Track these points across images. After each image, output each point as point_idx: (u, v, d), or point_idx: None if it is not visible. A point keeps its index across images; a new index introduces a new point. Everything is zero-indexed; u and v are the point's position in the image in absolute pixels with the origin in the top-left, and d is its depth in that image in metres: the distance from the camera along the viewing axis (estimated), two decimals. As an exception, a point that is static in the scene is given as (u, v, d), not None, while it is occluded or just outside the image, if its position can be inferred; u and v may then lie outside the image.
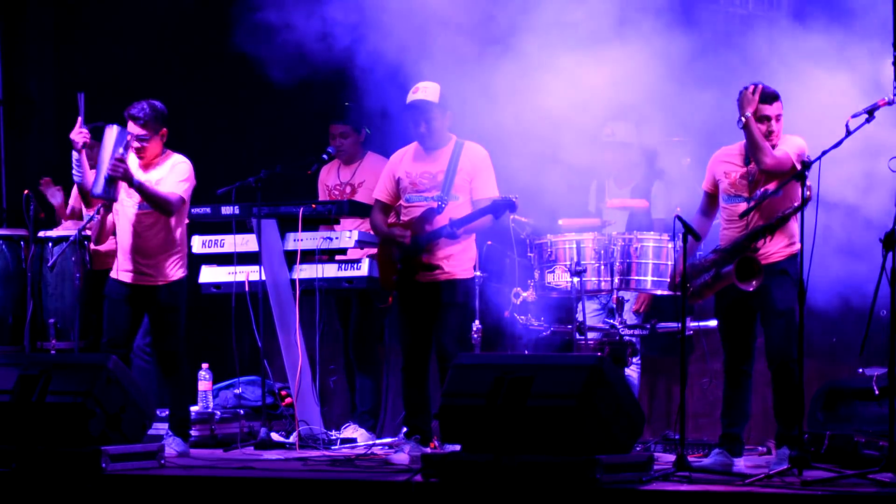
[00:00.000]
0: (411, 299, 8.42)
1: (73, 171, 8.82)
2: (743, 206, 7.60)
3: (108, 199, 8.51)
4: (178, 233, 8.61)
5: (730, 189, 7.71)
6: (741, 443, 7.70)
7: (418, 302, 8.40)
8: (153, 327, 8.70)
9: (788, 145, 7.61)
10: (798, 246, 7.55)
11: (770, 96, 7.62)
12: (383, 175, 8.67)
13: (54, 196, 10.08)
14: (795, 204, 7.49)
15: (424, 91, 8.45)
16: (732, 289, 7.57)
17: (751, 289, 7.49)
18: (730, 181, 7.72)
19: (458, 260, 8.38)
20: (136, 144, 8.56)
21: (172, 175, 8.58)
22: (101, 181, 8.43)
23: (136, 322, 8.68)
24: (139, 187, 8.44)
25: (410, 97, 8.49)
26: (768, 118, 7.60)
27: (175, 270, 8.59)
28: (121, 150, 8.39)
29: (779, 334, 7.59)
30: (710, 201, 7.86)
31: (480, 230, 8.47)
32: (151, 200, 8.50)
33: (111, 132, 8.45)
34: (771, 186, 7.55)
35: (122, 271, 8.61)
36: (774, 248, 7.62)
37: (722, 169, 7.77)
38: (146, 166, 8.62)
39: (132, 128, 8.57)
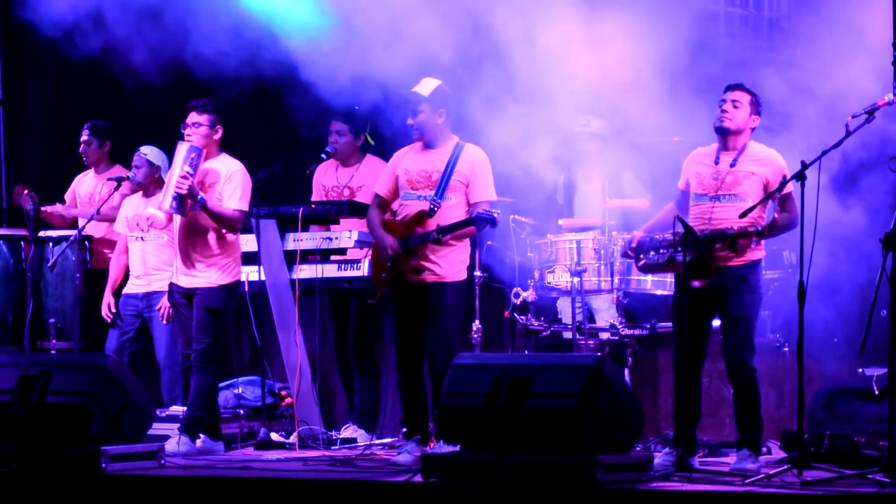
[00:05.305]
0: (403, 300, 8.38)
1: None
2: (707, 205, 7.68)
3: (178, 214, 8.50)
4: (229, 237, 8.62)
5: (698, 188, 7.80)
6: (695, 443, 7.81)
7: (409, 302, 8.35)
8: (194, 325, 8.67)
9: (771, 167, 7.65)
10: (762, 253, 7.63)
11: (732, 86, 7.74)
12: (385, 170, 8.64)
13: (27, 203, 10.02)
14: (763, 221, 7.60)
15: (421, 85, 8.44)
16: (688, 287, 7.60)
17: (695, 286, 7.54)
18: (699, 181, 7.80)
19: (449, 262, 8.31)
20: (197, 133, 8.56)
21: (229, 186, 8.57)
22: (169, 198, 8.44)
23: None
24: (203, 205, 8.45)
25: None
26: (724, 101, 7.70)
27: (223, 274, 8.61)
28: (187, 167, 8.36)
29: (732, 340, 7.64)
30: (684, 199, 7.92)
31: (470, 237, 8.45)
32: (215, 218, 8.52)
33: (181, 148, 8.43)
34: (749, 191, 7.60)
35: (177, 274, 8.67)
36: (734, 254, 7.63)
37: (694, 169, 7.86)
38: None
39: (198, 117, 8.55)
